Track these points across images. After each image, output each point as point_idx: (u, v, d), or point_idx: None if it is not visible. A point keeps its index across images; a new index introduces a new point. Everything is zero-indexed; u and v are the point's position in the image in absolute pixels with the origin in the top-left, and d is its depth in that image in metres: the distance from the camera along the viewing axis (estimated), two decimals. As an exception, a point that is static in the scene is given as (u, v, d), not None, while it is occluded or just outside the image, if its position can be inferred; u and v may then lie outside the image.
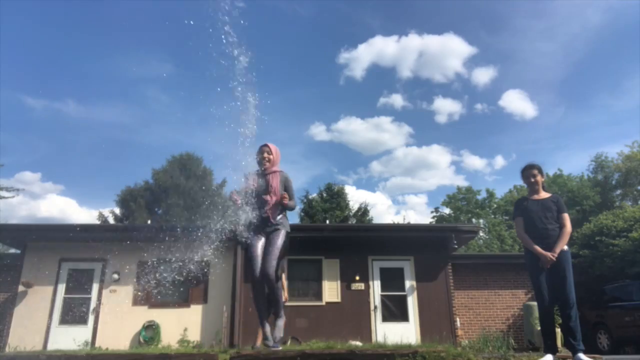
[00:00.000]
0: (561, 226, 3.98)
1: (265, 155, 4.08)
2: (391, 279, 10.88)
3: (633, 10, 45.06)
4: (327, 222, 21.70)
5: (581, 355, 3.69)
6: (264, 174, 4.06)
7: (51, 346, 9.44)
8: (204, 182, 26.02)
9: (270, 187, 3.95)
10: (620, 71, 49.33)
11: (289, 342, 9.44)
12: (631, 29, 46.94)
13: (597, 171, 28.10)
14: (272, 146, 4.15)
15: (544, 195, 4.19)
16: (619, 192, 27.24)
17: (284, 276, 5.98)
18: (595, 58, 52.75)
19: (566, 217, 4.04)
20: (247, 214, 3.87)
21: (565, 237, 3.94)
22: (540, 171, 4.21)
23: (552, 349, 3.98)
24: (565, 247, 3.93)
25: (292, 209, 4.11)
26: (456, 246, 11.14)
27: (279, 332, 3.90)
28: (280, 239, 3.88)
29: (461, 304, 11.79)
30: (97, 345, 9.57)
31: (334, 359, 4.63)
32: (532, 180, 4.17)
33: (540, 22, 55.62)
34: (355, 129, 51.23)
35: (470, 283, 12.04)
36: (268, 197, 3.93)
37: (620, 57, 48.89)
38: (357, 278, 10.70)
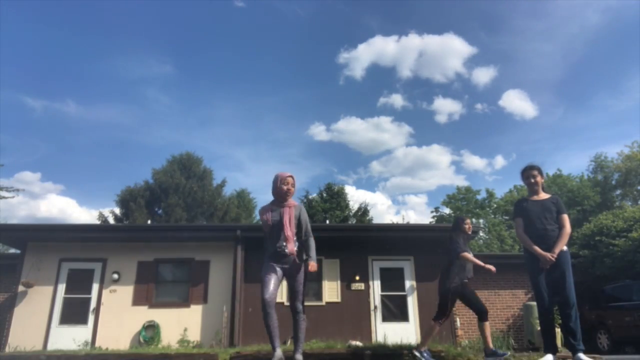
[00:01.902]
0: (560, 227, 3.98)
1: (291, 187, 3.86)
2: (391, 279, 10.88)
3: (632, 11, 45.11)
4: (327, 222, 21.70)
5: (581, 355, 3.70)
6: (277, 206, 3.87)
7: (51, 346, 9.43)
8: (204, 182, 26.01)
9: (284, 223, 3.78)
10: (619, 72, 49.40)
11: (289, 342, 9.44)
12: (630, 30, 47.00)
13: (596, 171, 28.11)
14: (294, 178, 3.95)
15: (543, 196, 4.20)
16: (618, 192, 27.23)
17: None
18: (594, 58, 52.83)
19: (565, 218, 4.04)
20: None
21: (565, 237, 3.94)
22: (541, 172, 4.22)
23: (552, 349, 3.98)
24: (565, 248, 3.94)
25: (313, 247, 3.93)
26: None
27: None
28: (302, 274, 3.82)
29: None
30: (97, 345, 9.57)
31: (334, 359, 4.64)
32: (532, 181, 4.18)
33: (540, 23, 55.68)
34: (355, 129, 51.32)
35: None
36: (282, 232, 3.76)
37: (619, 57, 48.96)
38: (357, 278, 10.70)
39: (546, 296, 3.90)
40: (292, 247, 3.75)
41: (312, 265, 3.77)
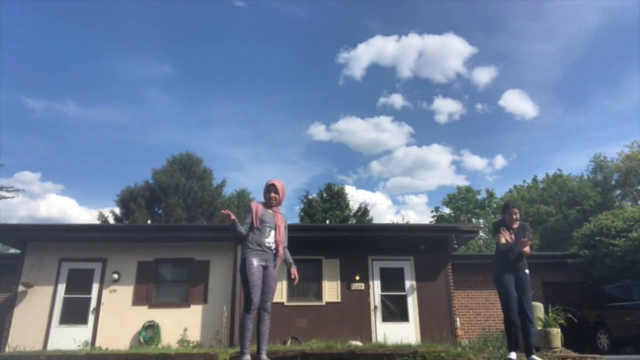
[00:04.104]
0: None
1: (272, 194, 3.99)
2: (391, 279, 10.87)
3: (630, 12, 45.13)
4: (327, 222, 21.70)
5: (534, 356, 4.43)
6: (269, 208, 4.02)
7: (51, 346, 9.43)
8: (204, 182, 26.01)
9: (277, 225, 3.95)
10: (618, 72, 49.43)
11: (289, 342, 9.44)
12: (629, 30, 47.01)
13: (596, 171, 28.09)
14: (279, 184, 4.03)
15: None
16: (618, 192, 27.22)
17: None
18: (593, 59, 52.85)
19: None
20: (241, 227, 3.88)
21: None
22: (519, 209, 4.95)
23: (515, 347, 4.67)
24: (527, 271, 4.68)
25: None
26: (456, 246, 11.13)
27: None
28: (277, 276, 3.97)
29: (461, 304, 11.79)
30: (97, 345, 9.57)
31: (334, 359, 4.64)
32: (515, 217, 4.84)
33: (538, 24, 55.71)
34: (355, 129, 51.30)
35: (470, 283, 12.04)
36: (276, 232, 3.91)
37: (618, 58, 48.97)
38: (357, 278, 10.70)
39: (512, 295, 4.60)
40: (281, 249, 3.96)
41: (295, 274, 4.07)
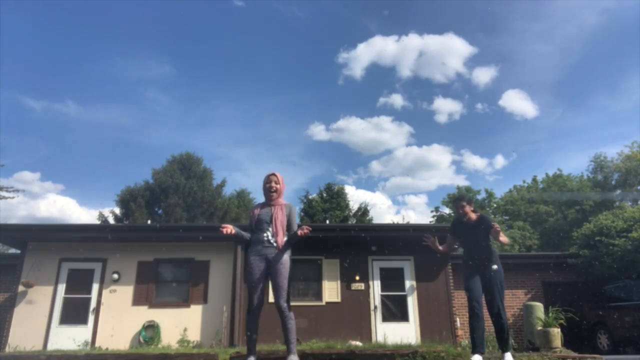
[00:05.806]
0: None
1: (273, 185, 3.90)
2: (391, 279, 10.88)
3: (629, 12, 45.17)
4: (327, 222, 21.71)
5: (507, 355, 4.37)
6: (268, 205, 3.91)
7: (51, 346, 9.44)
8: (204, 182, 26.02)
9: (273, 218, 3.80)
10: (617, 72, 49.45)
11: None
12: (627, 31, 47.04)
13: (596, 171, 28.08)
14: (280, 176, 3.97)
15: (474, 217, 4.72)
16: (618, 192, 27.21)
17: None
18: (592, 60, 52.88)
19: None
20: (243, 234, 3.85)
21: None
22: (469, 202, 4.80)
23: (478, 349, 4.55)
24: (495, 267, 4.58)
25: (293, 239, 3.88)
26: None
27: None
28: (286, 269, 3.71)
29: (461, 304, 11.77)
30: (97, 345, 9.57)
31: (334, 359, 4.64)
32: (461, 211, 4.71)
33: (537, 24, 55.72)
34: (354, 129, 51.27)
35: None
36: (272, 225, 3.78)
37: (616, 58, 49.00)
38: (357, 278, 10.70)
39: (474, 300, 4.47)
40: (281, 239, 3.75)
41: (305, 228, 3.71)
